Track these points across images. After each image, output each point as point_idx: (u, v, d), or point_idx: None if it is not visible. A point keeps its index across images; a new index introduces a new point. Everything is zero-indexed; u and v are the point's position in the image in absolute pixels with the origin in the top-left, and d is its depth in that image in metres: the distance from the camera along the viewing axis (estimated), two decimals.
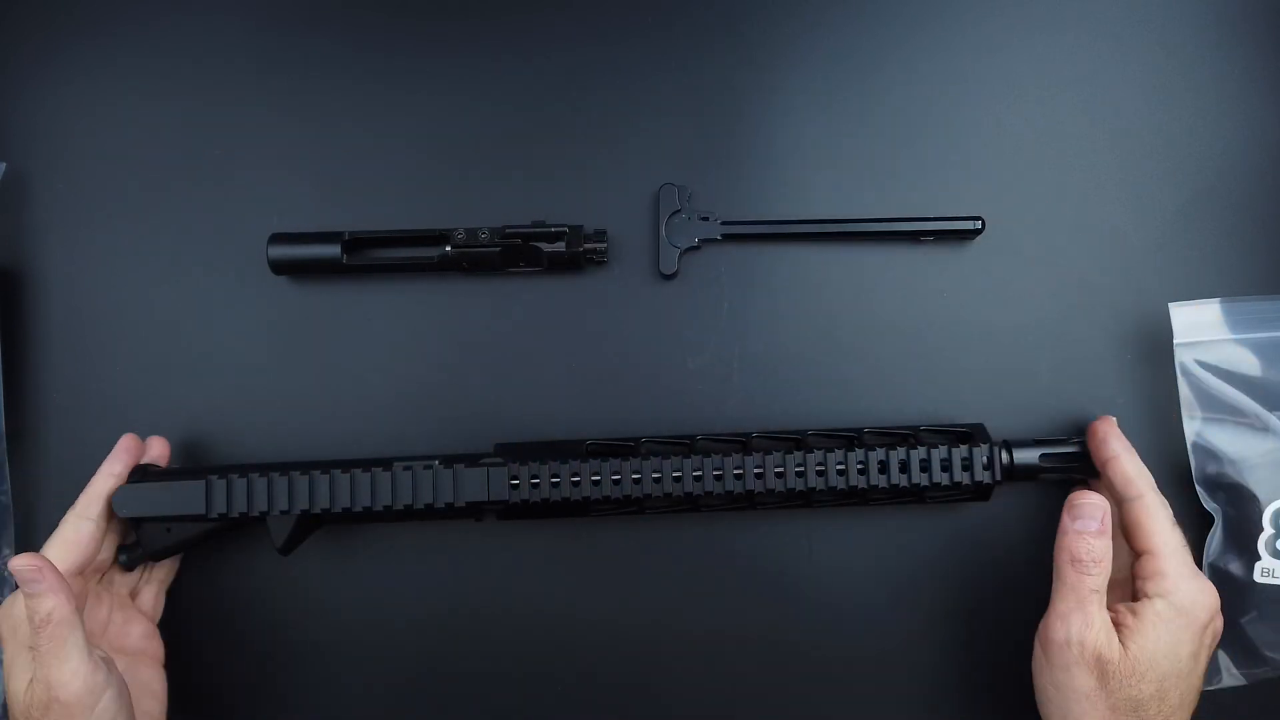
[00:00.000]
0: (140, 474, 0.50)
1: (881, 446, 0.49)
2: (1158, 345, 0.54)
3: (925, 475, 0.49)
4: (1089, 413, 0.54)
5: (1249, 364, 0.51)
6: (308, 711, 0.55)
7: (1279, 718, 0.53)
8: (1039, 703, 0.47)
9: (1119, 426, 0.50)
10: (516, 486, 0.49)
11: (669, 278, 0.55)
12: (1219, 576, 0.51)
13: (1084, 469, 0.50)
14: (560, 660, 0.55)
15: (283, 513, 0.49)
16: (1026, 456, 0.50)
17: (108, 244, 0.56)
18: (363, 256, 0.55)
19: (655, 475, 0.49)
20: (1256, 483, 0.50)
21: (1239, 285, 0.55)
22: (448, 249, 0.53)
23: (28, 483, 0.55)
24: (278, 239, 0.54)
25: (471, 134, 0.56)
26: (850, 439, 0.50)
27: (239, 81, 0.57)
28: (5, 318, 0.56)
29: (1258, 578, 0.50)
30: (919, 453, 0.49)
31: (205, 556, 0.55)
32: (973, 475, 0.49)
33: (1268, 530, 0.49)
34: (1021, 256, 0.55)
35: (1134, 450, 0.49)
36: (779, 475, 0.49)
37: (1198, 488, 0.51)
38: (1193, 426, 0.51)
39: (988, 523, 0.54)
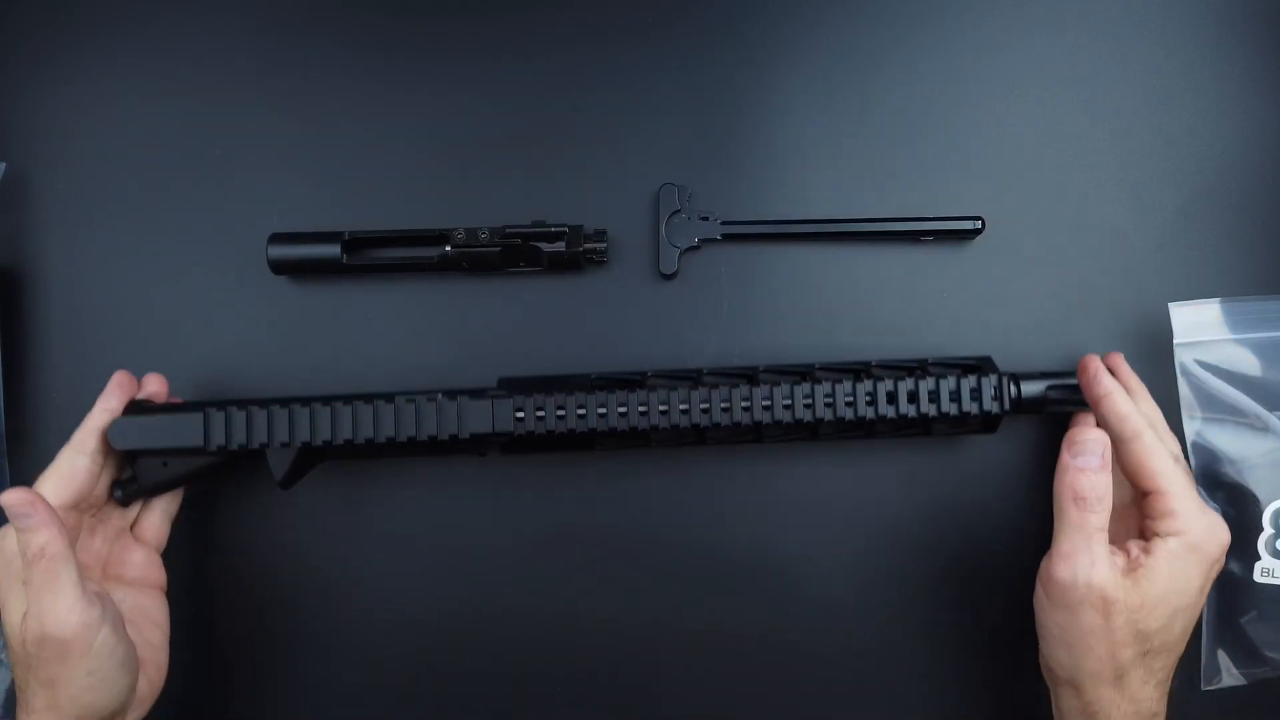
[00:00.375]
0: (136, 409, 0.50)
1: (890, 378, 0.49)
2: (1158, 345, 0.54)
3: (934, 406, 0.49)
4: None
5: (1249, 364, 0.51)
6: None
7: (1279, 717, 0.53)
8: (1041, 639, 0.46)
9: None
10: (521, 419, 0.49)
11: (669, 278, 0.55)
12: (1219, 576, 0.51)
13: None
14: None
15: (283, 445, 0.48)
16: (1034, 389, 0.50)
17: (108, 244, 0.56)
18: (363, 256, 0.55)
19: (661, 407, 0.49)
20: (1256, 482, 0.50)
21: (1239, 285, 0.55)
22: (448, 249, 0.54)
23: (28, 483, 0.55)
24: (278, 239, 0.54)
25: (471, 134, 0.56)
26: (858, 371, 0.50)
27: (239, 81, 0.57)
28: (5, 318, 0.56)
29: (1258, 577, 0.50)
30: (928, 384, 0.49)
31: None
32: (981, 405, 0.49)
33: (1267, 530, 0.49)
34: (1021, 256, 0.55)
35: (1141, 385, 0.49)
36: (787, 407, 0.49)
37: (1197, 487, 0.51)
38: (1192, 426, 0.51)
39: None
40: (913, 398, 0.49)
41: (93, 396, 0.54)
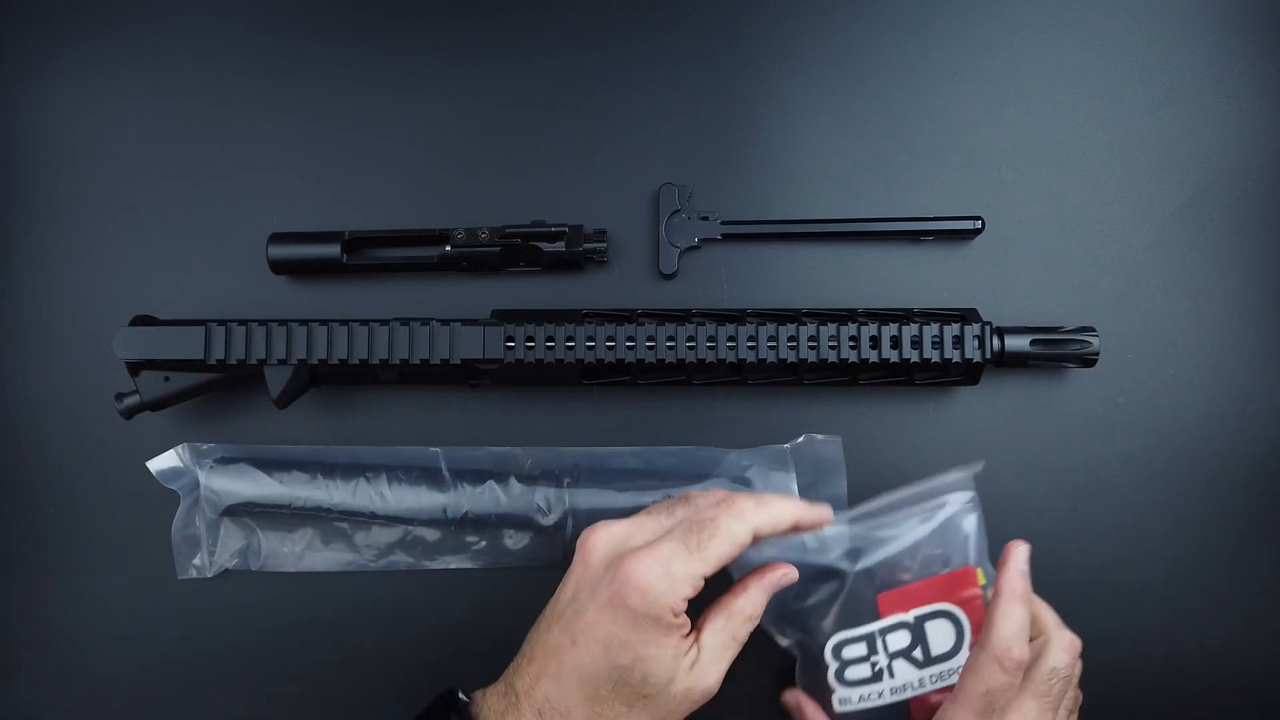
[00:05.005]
0: (142, 323, 0.51)
1: (874, 322, 0.50)
2: (1159, 345, 0.54)
3: (916, 351, 0.49)
4: (1089, 412, 0.54)
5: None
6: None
7: None
8: None
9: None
10: (511, 347, 0.50)
11: (669, 278, 0.55)
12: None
13: (1073, 357, 0.51)
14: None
15: (280, 362, 0.50)
16: (1018, 342, 0.51)
17: (108, 244, 0.56)
18: (363, 256, 0.55)
19: (649, 343, 0.50)
20: (815, 621, 0.49)
21: (1239, 285, 0.55)
22: (448, 249, 0.54)
23: (27, 481, 0.55)
24: (277, 239, 0.54)
25: (471, 134, 0.56)
26: (844, 316, 0.51)
27: (239, 81, 0.57)
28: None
29: (838, 708, 0.49)
30: (911, 329, 0.50)
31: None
32: (963, 353, 0.49)
33: (832, 663, 0.49)
34: (1021, 256, 0.55)
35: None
36: (771, 346, 0.50)
37: (771, 629, 0.51)
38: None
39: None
40: (895, 343, 0.50)
41: (94, 396, 0.55)
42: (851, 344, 0.50)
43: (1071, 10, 0.56)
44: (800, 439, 0.53)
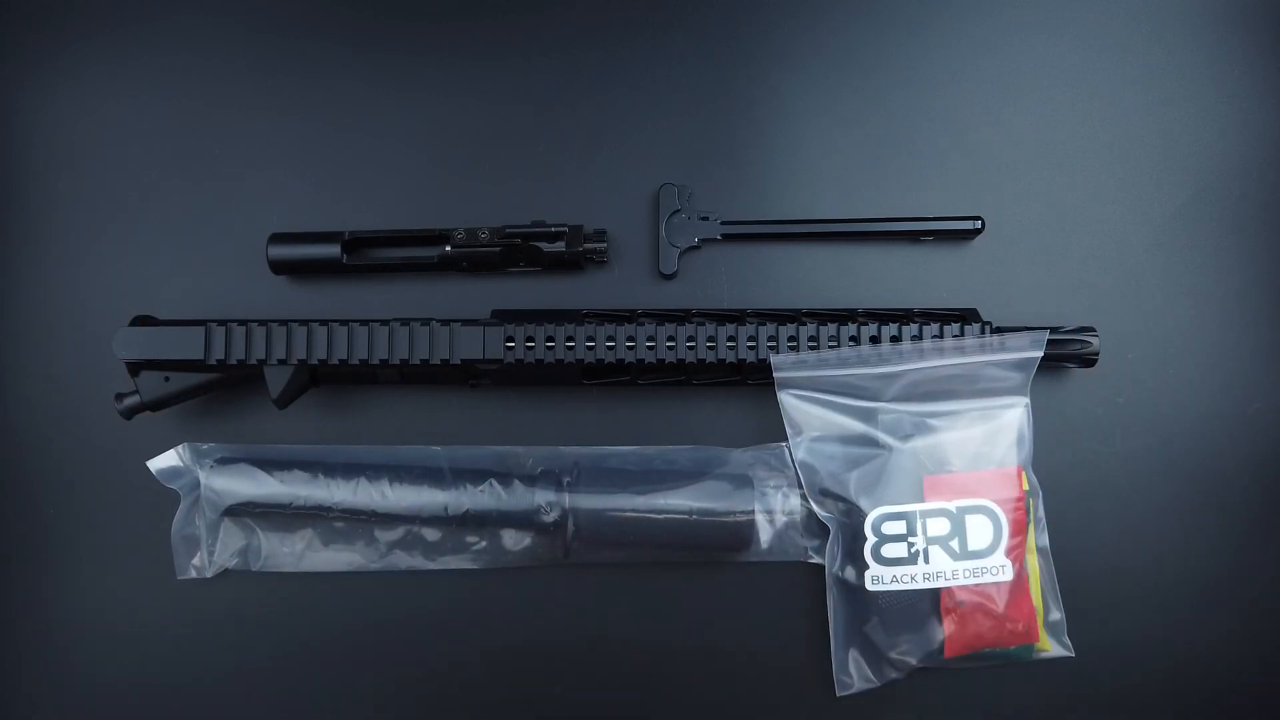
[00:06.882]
0: (142, 322, 0.51)
1: (873, 322, 0.50)
2: (1158, 344, 0.54)
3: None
4: (1090, 412, 0.54)
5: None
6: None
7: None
8: None
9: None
10: (511, 347, 0.50)
11: (669, 278, 0.55)
12: (841, 585, 0.51)
13: (1073, 357, 0.51)
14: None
15: (280, 362, 0.50)
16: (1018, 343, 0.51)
17: (108, 244, 0.56)
18: (363, 256, 0.55)
19: (649, 343, 0.50)
20: (859, 493, 0.50)
21: (1239, 285, 0.55)
22: (448, 249, 0.54)
23: (27, 474, 0.55)
24: (277, 239, 0.54)
25: (471, 134, 0.56)
26: (844, 316, 0.51)
27: (239, 81, 0.57)
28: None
29: (869, 586, 0.49)
30: (911, 329, 0.50)
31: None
32: (964, 354, 0.49)
33: (871, 538, 0.49)
34: (1021, 256, 0.55)
35: None
36: (771, 346, 0.50)
37: (810, 501, 0.52)
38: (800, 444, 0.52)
39: None
40: (895, 342, 0.50)
41: (94, 397, 0.55)
42: (852, 344, 0.50)
43: (1071, 10, 0.56)
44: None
